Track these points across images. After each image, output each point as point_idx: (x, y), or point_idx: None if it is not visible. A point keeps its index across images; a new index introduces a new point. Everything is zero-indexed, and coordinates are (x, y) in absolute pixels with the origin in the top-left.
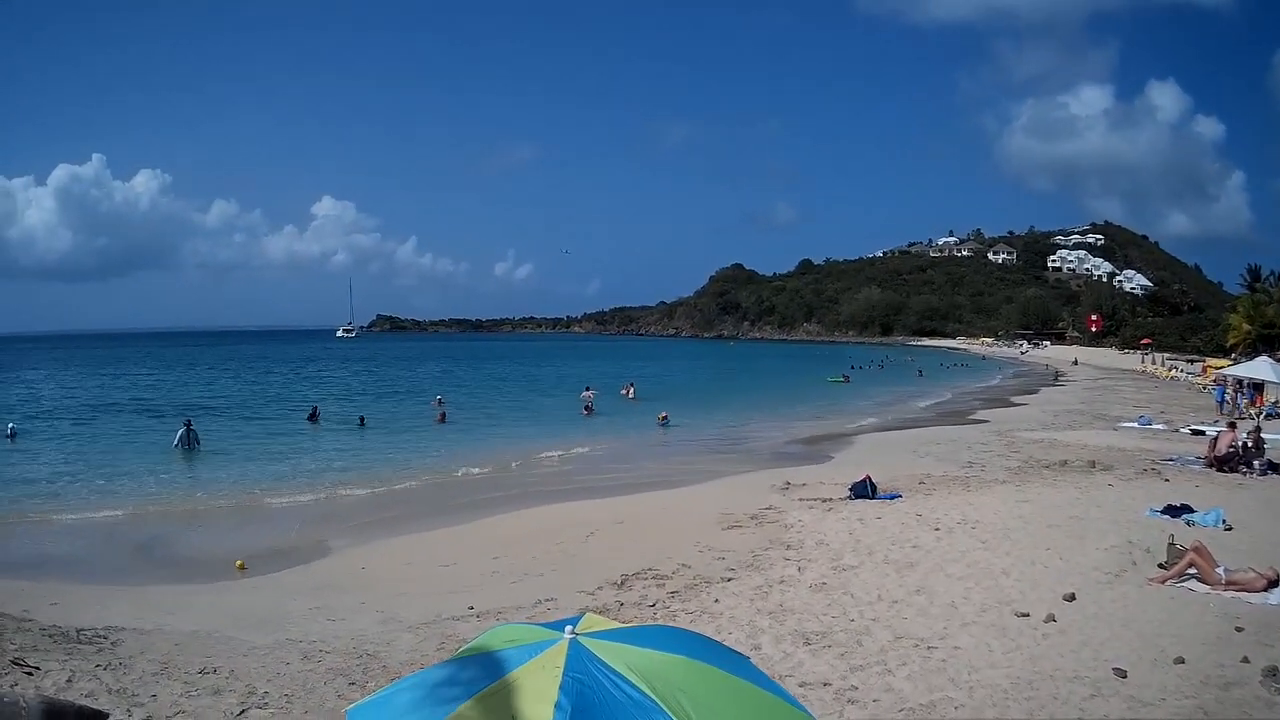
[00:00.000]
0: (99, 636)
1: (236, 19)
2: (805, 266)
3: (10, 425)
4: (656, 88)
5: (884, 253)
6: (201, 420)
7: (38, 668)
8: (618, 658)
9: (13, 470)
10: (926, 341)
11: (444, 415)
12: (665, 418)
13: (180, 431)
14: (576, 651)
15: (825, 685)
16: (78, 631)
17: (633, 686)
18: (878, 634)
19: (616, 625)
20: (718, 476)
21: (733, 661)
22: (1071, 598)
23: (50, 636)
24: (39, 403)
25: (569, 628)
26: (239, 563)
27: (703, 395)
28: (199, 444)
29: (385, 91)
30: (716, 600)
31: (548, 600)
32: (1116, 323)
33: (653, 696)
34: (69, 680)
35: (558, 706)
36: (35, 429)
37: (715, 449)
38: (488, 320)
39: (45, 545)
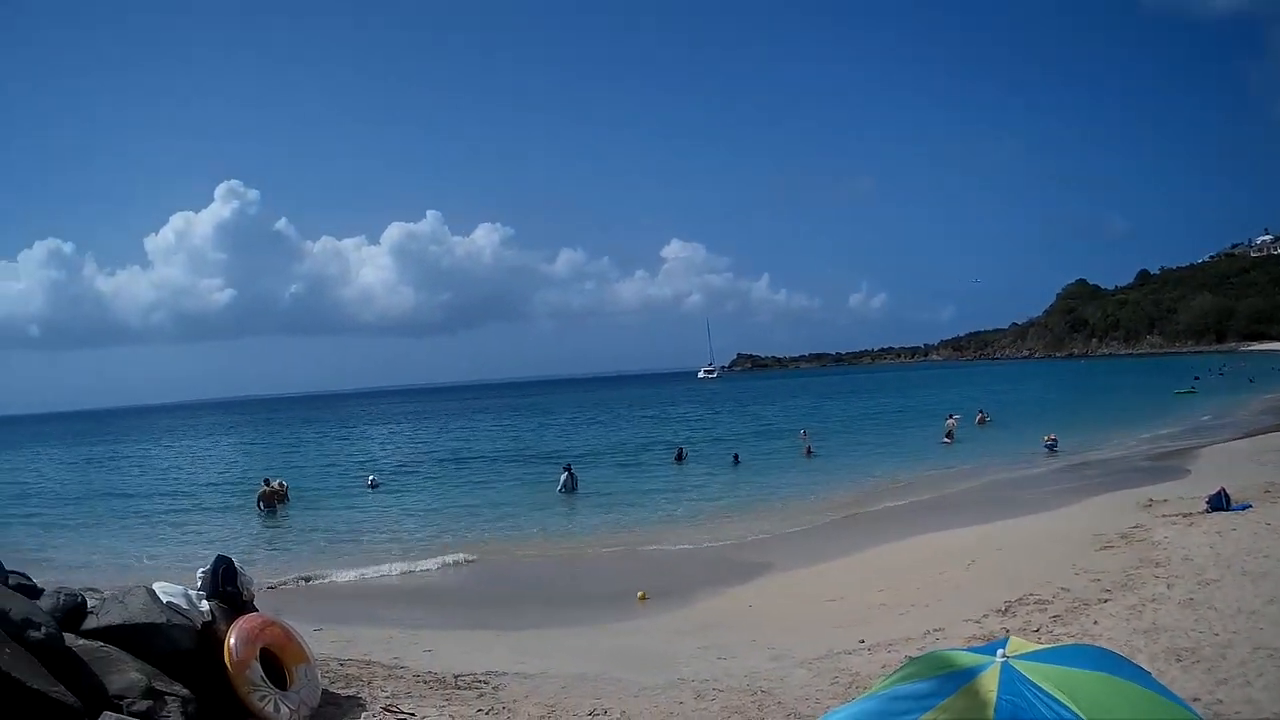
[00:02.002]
0: (479, 681)
1: (567, 73)
2: (1143, 277)
3: (371, 476)
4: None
5: (1210, 256)
6: (577, 465)
7: (412, 714)
8: (1045, 678)
9: (381, 519)
10: (1257, 346)
11: (810, 449)
12: (1053, 439)
13: (563, 476)
14: (1008, 674)
15: (1195, 700)
16: (455, 677)
17: (1062, 706)
18: (1239, 646)
19: (1040, 646)
20: (1084, 496)
21: (1142, 677)
22: None
23: (425, 683)
24: (403, 455)
25: (1000, 651)
26: (640, 594)
27: (1054, 415)
28: (578, 488)
29: (721, 132)
30: (1095, 622)
31: (935, 630)
32: None
33: (1081, 715)
34: None
35: None
36: (397, 480)
37: (1077, 469)
38: (846, 353)
39: (414, 592)
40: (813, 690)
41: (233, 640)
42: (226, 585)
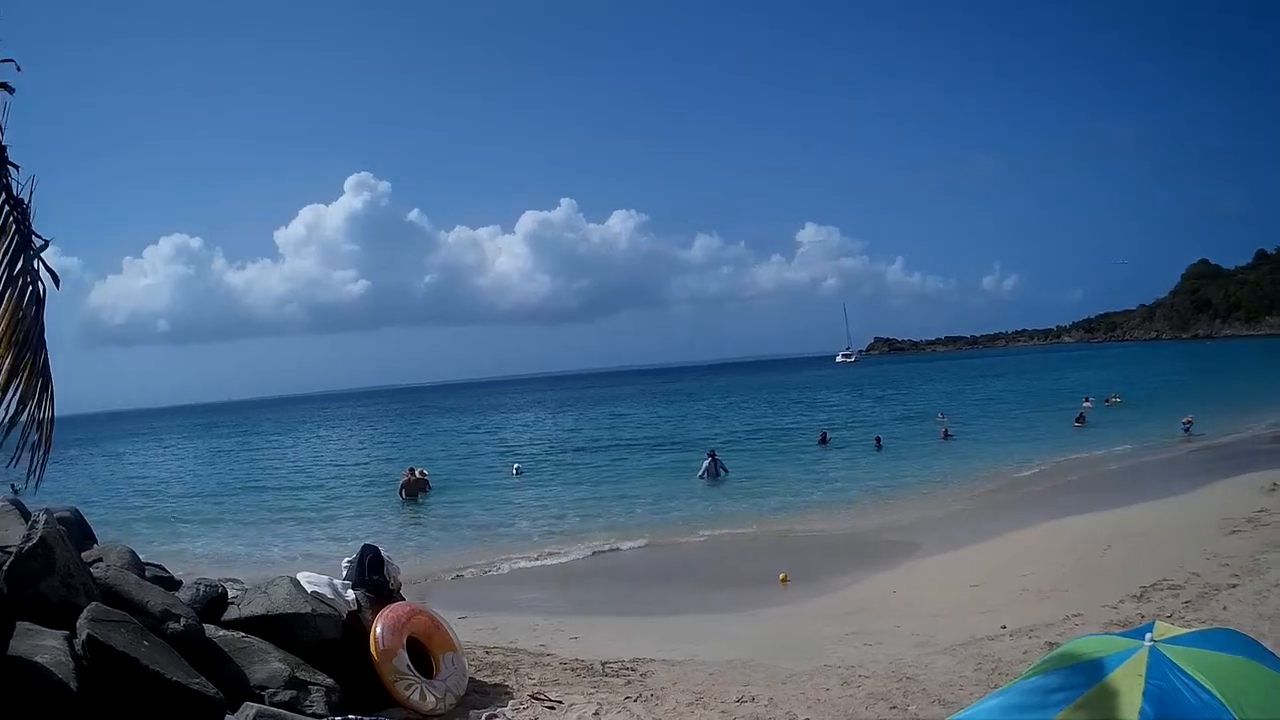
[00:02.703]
0: (626, 669)
1: (698, 61)
2: (1261, 257)
3: (516, 465)
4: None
5: None
6: (720, 451)
7: (560, 701)
8: (1191, 663)
9: (525, 507)
10: None
11: (947, 432)
12: (1190, 422)
13: (706, 462)
14: (1156, 659)
15: None
16: (602, 665)
17: (1206, 692)
18: None
19: (1185, 631)
20: (1213, 480)
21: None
22: None
23: (572, 670)
24: (545, 443)
25: (1148, 635)
26: (782, 576)
27: (1185, 397)
28: (725, 472)
29: (850, 116)
30: (1225, 608)
31: (1075, 616)
32: None
33: (1224, 701)
34: (595, 713)
35: (1141, 714)
36: (540, 468)
37: (1207, 451)
38: (981, 336)
39: (559, 579)
40: (956, 677)
41: (379, 629)
42: (373, 574)
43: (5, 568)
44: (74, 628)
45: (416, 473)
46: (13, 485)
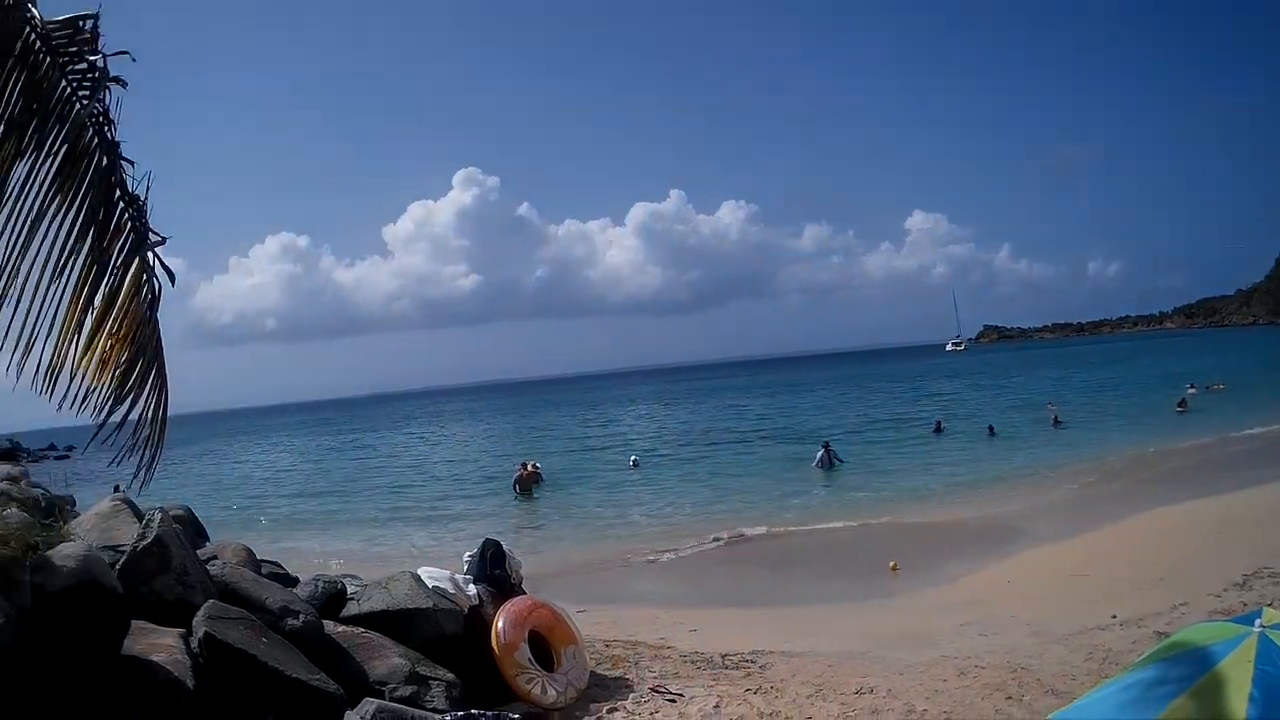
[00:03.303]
0: (746, 661)
1: (804, 54)
2: None
3: (633, 457)
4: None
5: None
6: (833, 441)
7: (680, 694)
8: None
9: (641, 499)
10: None
11: (1057, 419)
12: None
13: (820, 453)
14: (1265, 645)
15: None
16: (722, 657)
17: None
18: None
19: None
20: None
21: None
22: None
23: (692, 662)
24: (659, 436)
25: (1257, 621)
26: (892, 564)
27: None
28: (840, 462)
29: (961, 98)
30: None
31: (1181, 605)
32: None
33: None
34: (716, 706)
35: (1251, 699)
36: (655, 460)
37: None
38: (1087, 323)
39: (677, 572)
40: (1069, 667)
41: (501, 623)
42: (495, 568)
43: (119, 566)
44: (190, 626)
45: (530, 467)
46: (116, 486)
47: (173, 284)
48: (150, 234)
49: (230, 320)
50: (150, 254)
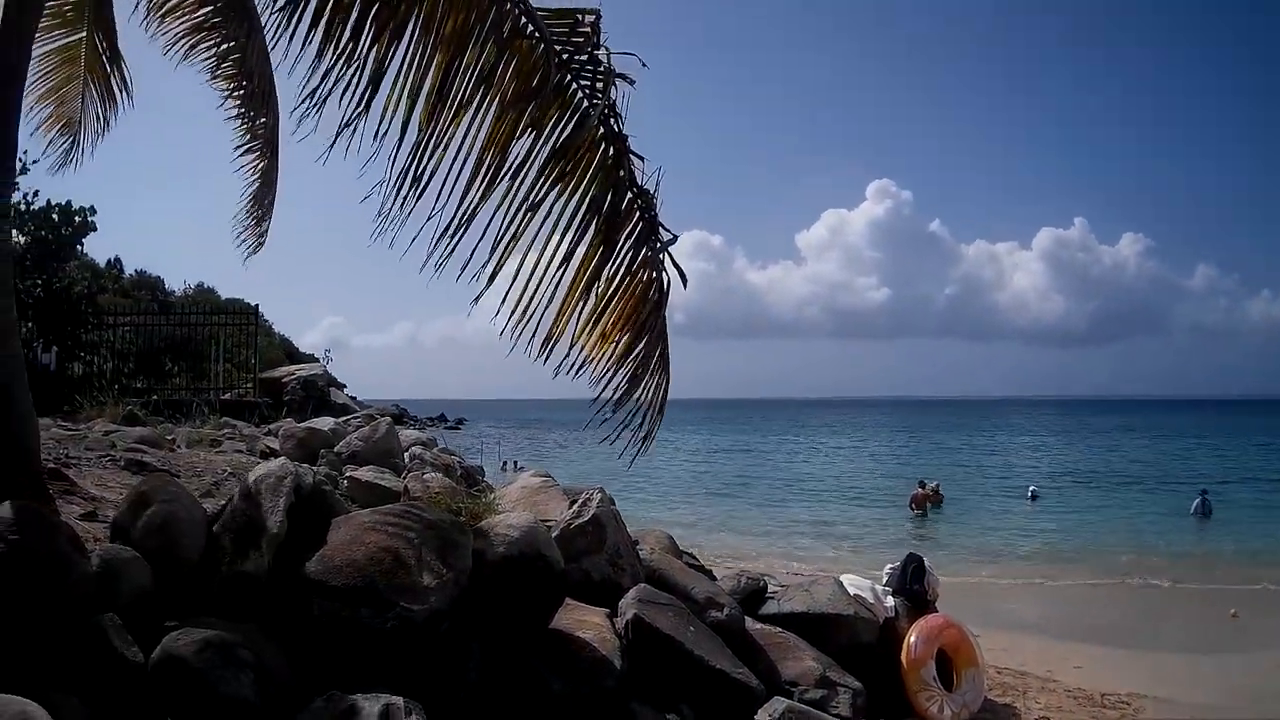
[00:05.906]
0: (1121, 702)
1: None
2: None
3: (1031, 488)
4: None
5: None
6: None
7: None
8: None
9: (1037, 531)
10: None
11: None
12: None
13: (1196, 500)
14: None
15: None
16: (1101, 695)
17: None
18: None
19: None
20: None
21: None
22: None
23: (1075, 699)
24: (1057, 468)
25: None
26: (1232, 611)
27: None
28: (1211, 513)
29: None
30: None
31: None
32: None
33: None
34: None
35: None
36: (1055, 492)
37: None
38: None
39: (1067, 606)
40: None
41: (913, 638)
42: (914, 583)
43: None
44: (614, 606)
45: (929, 486)
46: (504, 464)
47: (684, 285)
48: (660, 229)
49: None
50: (660, 249)
